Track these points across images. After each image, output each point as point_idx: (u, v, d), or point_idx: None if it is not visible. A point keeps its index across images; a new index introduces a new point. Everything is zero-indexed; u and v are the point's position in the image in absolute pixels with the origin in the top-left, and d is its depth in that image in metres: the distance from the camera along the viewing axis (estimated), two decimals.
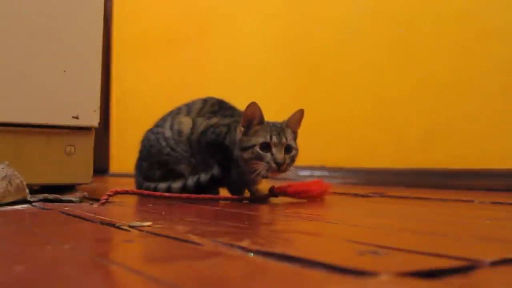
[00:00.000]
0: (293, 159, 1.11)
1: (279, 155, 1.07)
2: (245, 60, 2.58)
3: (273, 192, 1.16)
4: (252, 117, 1.10)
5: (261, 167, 1.07)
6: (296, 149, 1.12)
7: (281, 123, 1.13)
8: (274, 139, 1.07)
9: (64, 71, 1.29)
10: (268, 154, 1.07)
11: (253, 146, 1.08)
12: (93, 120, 1.32)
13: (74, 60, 1.30)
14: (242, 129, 1.12)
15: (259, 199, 1.16)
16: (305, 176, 2.15)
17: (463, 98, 1.77)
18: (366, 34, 2.08)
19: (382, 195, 1.37)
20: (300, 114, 1.14)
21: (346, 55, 2.16)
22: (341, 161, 2.11)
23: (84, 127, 1.32)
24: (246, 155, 1.09)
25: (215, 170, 1.17)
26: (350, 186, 1.87)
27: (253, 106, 1.09)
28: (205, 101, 1.33)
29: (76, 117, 1.29)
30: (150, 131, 1.35)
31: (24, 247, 0.55)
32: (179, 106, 1.36)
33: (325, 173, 2.11)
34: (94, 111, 1.33)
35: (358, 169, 2.05)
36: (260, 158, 1.07)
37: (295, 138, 1.14)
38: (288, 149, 1.10)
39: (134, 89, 3.29)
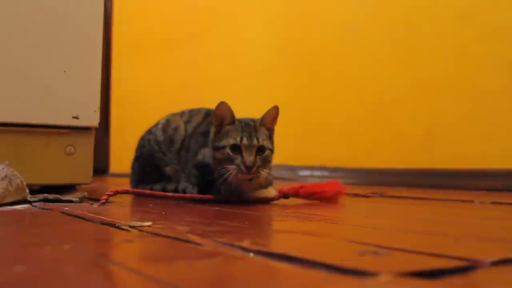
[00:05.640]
0: (266, 160, 1.07)
1: (249, 158, 1.04)
2: (245, 60, 2.58)
3: (284, 193, 1.13)
4: (222, 117, 1.09)
5: (231, 168, 1.05)
6: (270, 149, 1.09)
7: (254, 122, 1.10)
8: (245, 141, 1.05)
9: (64, 71, 1.29)
10: (239, 156, 1.05)
11: (224, 147, 1.06)
12: (93, 120, 1.32)
13: (74, 60, 1.30)
14: (214, 129, 1.10)
15: (267, 201, 1.13)
16: (305, 176, 2.15)
17: (463, 98, 1.77)
18: (366, 34, 2.08)
19: (382, 195, 1.37)
20: (274, 110, 1.09)
21: (346, 55, 2.15)
22: (341, 161, 2.11)
23: (84, 127, 1.31)
24: (218, 155, 1.08)
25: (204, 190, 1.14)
26: (350, 186, 1.87)
27: (222, 106, 1.07)
28: (207, 115, 1.28)
29: (76, 117, 1.29)
30: (148, 131, 1.34)
31: (24, 247, 0.55)
32: (183, 111, 1.33)
33: (325, 173, 2.11)
34: (94, 111, 1.33)
35: (358, 169, 2.05)
36: (230, 159, 1.05)
37: (270, 136, 1.11)
38: (261, 150, 1.06)
39: (134, 89, 3.29)
